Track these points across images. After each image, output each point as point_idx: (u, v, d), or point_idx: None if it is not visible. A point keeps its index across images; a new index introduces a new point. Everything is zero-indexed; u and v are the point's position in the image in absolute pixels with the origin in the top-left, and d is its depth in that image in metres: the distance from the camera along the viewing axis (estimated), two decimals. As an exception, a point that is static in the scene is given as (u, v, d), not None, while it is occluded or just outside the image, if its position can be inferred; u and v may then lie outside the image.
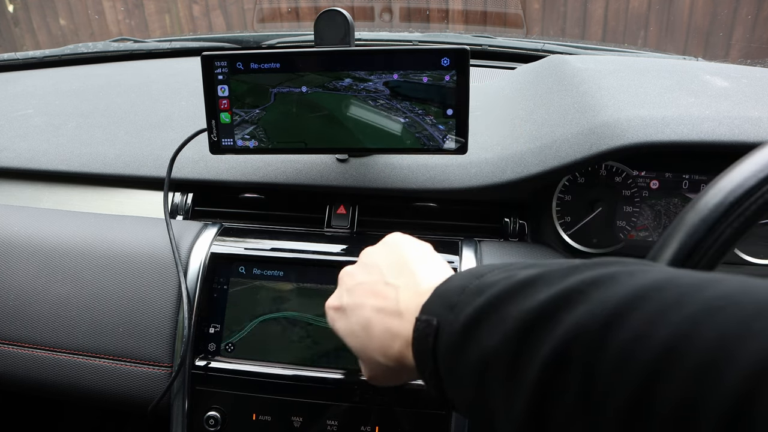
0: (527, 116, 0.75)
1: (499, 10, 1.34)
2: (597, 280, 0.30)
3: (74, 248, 0.70)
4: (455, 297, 0.37)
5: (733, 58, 2.97)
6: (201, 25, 3.33)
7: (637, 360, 0.26)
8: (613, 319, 0.27)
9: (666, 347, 0.25)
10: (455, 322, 0.36)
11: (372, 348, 0.45)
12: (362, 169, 0.72)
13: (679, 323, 0.25)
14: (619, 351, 0.26)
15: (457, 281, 0.39)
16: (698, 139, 0.62)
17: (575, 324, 0.29)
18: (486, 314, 0.34)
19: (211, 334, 0.66)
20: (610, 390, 0.26)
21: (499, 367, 0.32)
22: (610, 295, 0.29)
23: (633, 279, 0.29)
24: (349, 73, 0.63)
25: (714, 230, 0.38)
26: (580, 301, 0.30)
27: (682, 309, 0.26)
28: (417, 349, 0.39)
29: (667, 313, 0.26)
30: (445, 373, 0.37)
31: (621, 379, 0.26)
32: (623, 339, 0.27)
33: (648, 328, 0.26)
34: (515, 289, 0.34)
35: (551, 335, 0.29)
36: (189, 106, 0.88)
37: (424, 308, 0.40)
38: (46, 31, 3.51)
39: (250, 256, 0.67)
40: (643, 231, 0.71)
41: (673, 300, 0.27)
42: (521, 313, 0.32)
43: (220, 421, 0.64)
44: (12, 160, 0.82)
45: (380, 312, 0.44)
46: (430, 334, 0.38)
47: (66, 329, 0.68)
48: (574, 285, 0.31)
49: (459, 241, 0.69)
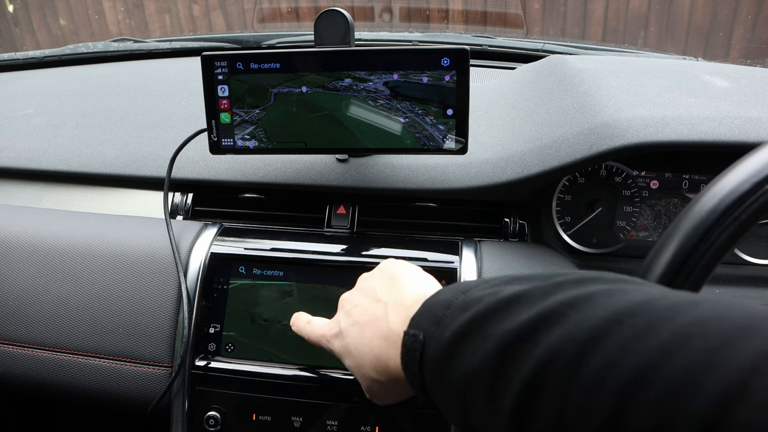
0: (527, 116, 0.75)
1: (499, 10, 1.34)
2: (575, 301, 0.31)
3: (74, 248, 0.70)
4: (441, 312, 0.38)
5: (733, 58, 2.97)
6: (201, 25, 3.33)
7: (609, 387, 0.26)
8: (587, 345, 0.28)
9: (635, 376, 0.25)
10: (440, 338, 0.37)
11: (366, 365, 0.45)
12: (362, 169, 0.72)
13: (648, 352, 0.26)
14: (592, 377, 0.27)
15: (443, 296, 0.40)
16: (698, 140, 0.62)
17: (551, 347, 0.29)
18: (469, 332, 0.34)
19: (211, 334, 0.66)
20: (582, 416, 0.27)
21: (481, 386, 0.33)
22: (587, 318, 0.29)
23: (610, 300, 0.30)
24: (349, 73, 0.63)
25: (709, 235, 0.38)
26: (558, 322, 0.30)
27: (653, 337, 0.26)
28: (405, 362, 0.40)
29: (639, 340, 0.27)
30: (431, 387, 0.38)
31: (593, 405, 0.26)
32: (595, 365, 0.27)
33: (619, 355, 0.27)
34: (497, 308, 0.34)
35: (528, 358, 0.30)
36: (189, 106, 0.88)
37: (412, 322, 0.40)
38: (46, 31, 3.51)
39: (250, 256, 0.67)
40: (643, 231, 0.71)
41: (645, 327, 0.27)
42: (502, 333, 0.32)
43: (220, 421, 0.64)
44: (12, 160, 0.82)
45: (371, 329, 0.45)
46: (417, 348, 0.39)
47: (66, 329, 0.68)
48: (554, 306, 0.31)
49: (459, 241, 0.69)
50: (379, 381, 0.45)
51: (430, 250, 0.67)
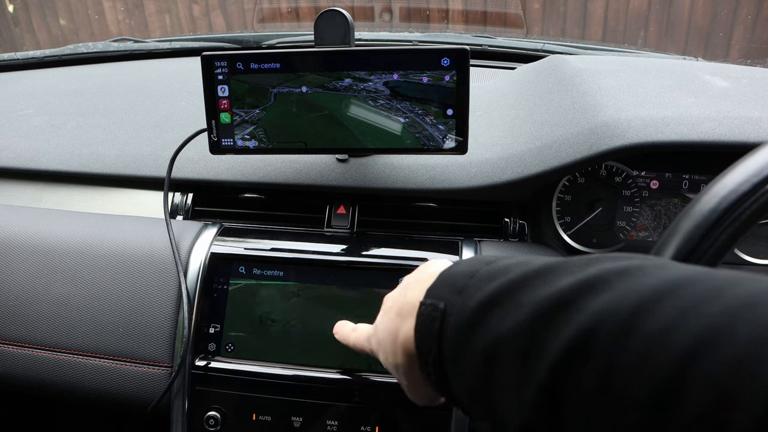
0: (527, 116, 0.75)
1: (499, 10, 1.34)
2: (623, 269, 0.29)
3: (74, 248, 0.70)
4: (464, 281, 0.36)
5: (733, 58, 2.97)
6: (201, 25, 3.33)
7: (669, 351, 0.25)
8: (642, 309, 0.26)
9: (701, 339, 0.24)
10: (464, 306, 0.35)
11: (389, 352, 0.43)
12: (362, 169, 0.72)
13: (715, 315, 0.25)
14: (648, 341, 0.25)
15: (465, 266, 0.38)
16: (698, 140, 0.62)
17: (599, 311, 0.28)
18: (499, 299, 0.33)
19: (211, 334, 0.66)
20: (635, 381, 0.25)
21: (511, 353, 0.31)
22: (639, 284, 0.28)
23: (663, 271, 0.28)
24: (349, 73, 0.63)
25: (709, 236, 0.38)
26: (605, 289, 0.28)
27: (718, 302, 0.25)
28: (421, 333, 0.38)
29: (703, 305, 0.25)
30: (449, 358, 0.36)
31: (649, 370, 0.25)
32: (652, 329, 0.26)
33: (681, 319, 0.25)
34: (532, 276, 0.33)
35: (572, 322, 0.28)
36: (189, 106, 0.88)
37: (429, 292, 0.38)
38: (46, 31, 3.51)
39: (250, 256, 0.67)
40: (643, 231, 0.71)
41: (709, 293, 0.26)
42: (539, 299, 0.31)
43: (220, 421, 0.64)
44: (12, 160, 0.82)
45: (390, 313, 0.43)
46: (436, 317, 0.37)
47: (66, 329, 0.68)
48: (598, 273, 0.30)
49: (459, 241, 0.69)
50: (399, 365, 0.43)
51: (430, 250, 0.67)
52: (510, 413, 0.31)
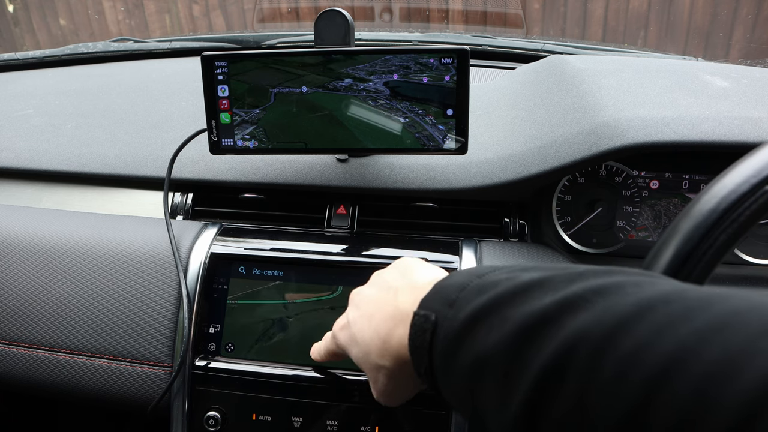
0: (527, 116, 0.75)
1: (499, 10, 1.34)
2: (603, 288, 0.30)
3: (74, 248, 0.70)
4: (455, 294, 0.37)
5: (733, 58, 2.97)
6: (201, 25, 3.33)
7: (640, 370, 0.25)
8: (618, 329, 0.27)
9: (671, 359, 0.25)
10: (454, 320, 0.36)
11: (372, 351, 0.44)
12: (362, 169, 0.72)
13: (685, 337, 0.25)
14: (622, 360, 0.26)
15: (457, 278, 0.39)
16: (698, 140, 0.62)
17: (578, 330, 0.28)
18: (486, 314, 0.34)
19: (211, 334, 0.66)
20: (607, 401, 0.26)
21: (496, 367, 0.32)
22: (616, 304, 0.28)
23: (640, 290, 0.29)
24: (349, 73, 0.63)
25: (708, 237, 0.38)
26: (585, 308, 0.29)
27: (689, 323, 0.26)
28: (414, 344, 0.39)
29: (674, 326, 0.26)
30: (440, 371, 0.37)
31: (621, 389, 0.26)
32: (627, 348, 0.26)
33: (653, 339, 0.26)
34: (518, 291, 0.33)
35: (552, 340, 0.29)
36: (189, 106, 0.88)
37: (423, 303, 0.39)
38: (46, 31, 3.51)
39: (250, 256, 0.67)
40: (643, 231, 0.71)
41: (681, 313, 0.26)
42: (523, 316, 0.31)
43: (220, 421, 0.64)
44: (12, 160, 0.82)
45: (379, 314, 0.44)
46: (427, 329, 0.38)
47: (66, 329, 0.68)
48: (580, 291, 0.30)
49: (459, 241, 0.69)
50: (385, 368, 0.44)
51: (430, 250, 0.67)
52: (494, 427, 0.32)
